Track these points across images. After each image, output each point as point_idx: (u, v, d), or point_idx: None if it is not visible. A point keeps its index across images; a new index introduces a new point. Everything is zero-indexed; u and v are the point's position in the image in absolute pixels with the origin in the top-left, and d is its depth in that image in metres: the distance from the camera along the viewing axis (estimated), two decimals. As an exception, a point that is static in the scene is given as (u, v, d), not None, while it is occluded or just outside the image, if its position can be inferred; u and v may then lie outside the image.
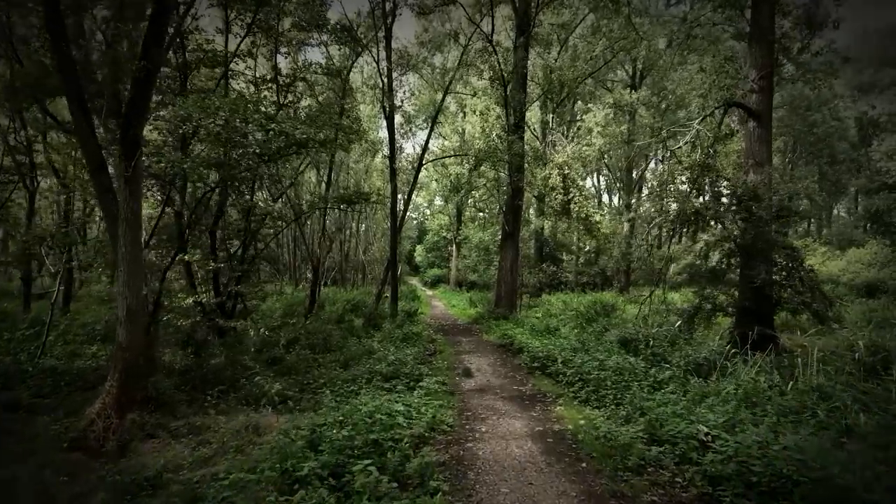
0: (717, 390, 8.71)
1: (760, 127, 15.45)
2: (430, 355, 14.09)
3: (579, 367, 10.42)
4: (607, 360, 10.66)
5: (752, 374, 9.53)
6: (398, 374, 10.34)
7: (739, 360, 10.51)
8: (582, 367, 10.39)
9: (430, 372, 11.44)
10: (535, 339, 14.26)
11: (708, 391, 8.69)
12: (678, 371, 9.84)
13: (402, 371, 10.40)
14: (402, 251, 51.54)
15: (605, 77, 36.57)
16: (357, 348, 13.91)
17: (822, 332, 16.88)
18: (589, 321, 19.21)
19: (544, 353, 11.97)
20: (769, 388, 8.66)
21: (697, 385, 8.93)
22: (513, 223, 21.27)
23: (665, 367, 10.13)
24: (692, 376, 9.69)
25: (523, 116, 20.80)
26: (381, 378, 10.14)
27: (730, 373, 9.85)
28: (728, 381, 9.19)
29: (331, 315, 20.17)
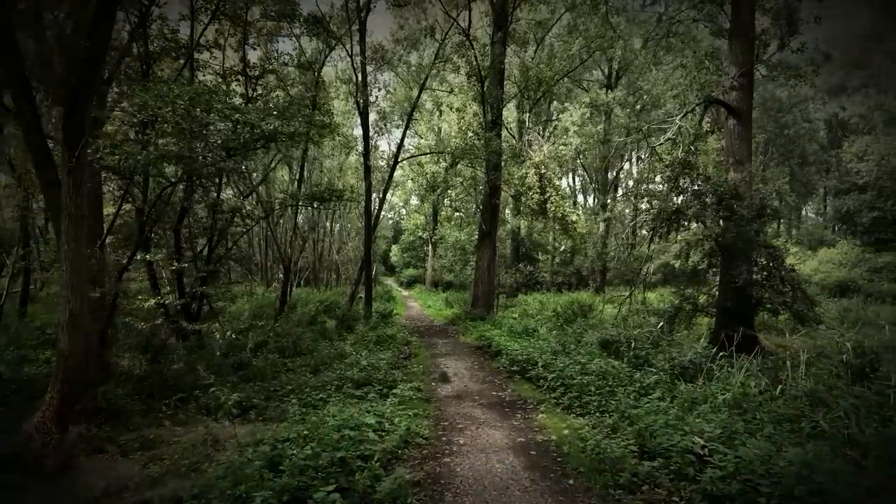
0: (705, 395, 8.25)
1: (740, 124, 15.14)
2: (406, 358, 13.45)
3: (561, 371, 9.88)
4: (589, 364, 10.15)
5: (740, 378, 9.11)
6: (371, 380, 9.68)
7: (725, 363, 10.09)
8: (563, 371, 9.85)
9: (405, 377, 10.80)
10: (514, 341, 13.71)
11: (696, 397, 8.21)
12: (664, 375, 9.35)
13: (374, 377, 9.74)
14: (378, 251, 50.74)
15: (582, 77, 36.30)
16: (328, 352, 13.20)
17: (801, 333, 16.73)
18: (567, 322, 18.81)
19: (524, 356, 11.42)
20: (759, 393, 8.22)
21: (686, 391, 8.44)
22: (490, 222, 20.72)
23: (650, 371, 9.64)
24: (679, 381, 9.23)
25: (500, 113, 20.27)
26: (352, 385, 9.47)
27: (717, 377, 9.41)
28: (715, 386, 8.75)
29: (302, 316, 19.38)
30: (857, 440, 5.98)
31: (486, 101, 19.47)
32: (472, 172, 21.98)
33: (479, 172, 21.25)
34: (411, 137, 38.81)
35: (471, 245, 32.56)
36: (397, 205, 57.65)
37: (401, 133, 21.71)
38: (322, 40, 19.24)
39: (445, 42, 19.64)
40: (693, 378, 9.62)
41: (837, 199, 34.80)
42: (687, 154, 14.54)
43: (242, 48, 16.16)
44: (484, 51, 19.21)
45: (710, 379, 9.41)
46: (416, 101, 21.45)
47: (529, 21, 27.62)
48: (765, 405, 7.71)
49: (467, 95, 21.32)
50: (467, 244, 34.15)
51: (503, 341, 13.65)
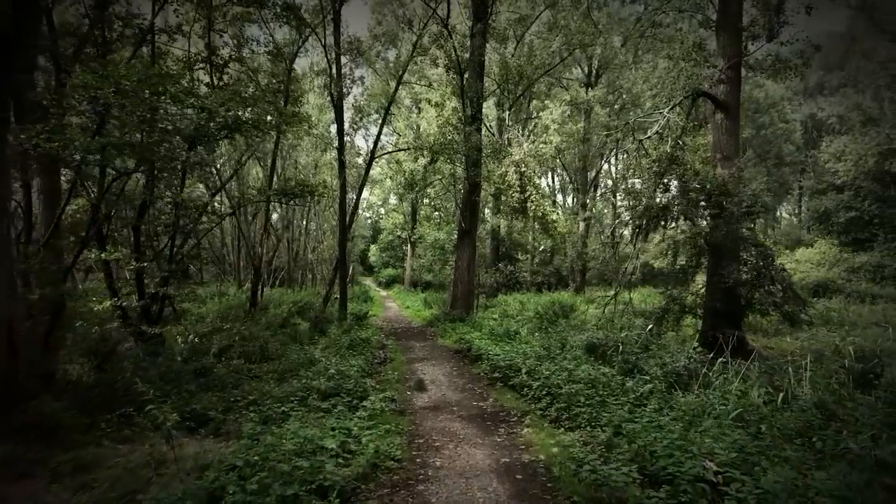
0: (704, 406, 7.47)
1: (728, 119, 14.49)
2: (381, 364, 12.51)
3: (546, 378, 9.02)
4: (576, 370, 9.31)
5: (738, 385, 8.37)
6: (339, 390, 8.71)
7: (719, 369, 9.35)
8: (549, 378, 9.00)
9: (378, 385, 9.87)
10: (495, 345, 12.83)
11: (696, 409, 7.41)
12: (658, 384, 8.55)
13: (343, 387, 8.77)
14: (355, 250, 49.61)
15: (562, 75, 35.65)
16: (298, 357, 12.19)
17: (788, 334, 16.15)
18: (549, 323, 18.09)
19: (506, 361, 10.55)
20: (763, 403, 7.46)
21: (684, 402, 7.63)
22: (470, 220, 19.85)
23: (643, 379, 8.83)
24: (675, 389, 8.44)
25: (480, 108, 19.41)
26: (318, 396, 8.50)
27: (714, 384, 8.65)
28: (713, 395, 7.98)
29: (274, 318, 18.30)
30: (887, 463, 5.20)
31: (465, 94, 18.59)
32: (451, 169, 21.10)
33: (459, 169, 20.38)
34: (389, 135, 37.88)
35: (450, 244, 31.69)
36: (375, 204, 56.52)
37: (377, 128, 20.69)
38: (294, 28, 18.20)
39: (423, 33, 18.67)
40: (688, 385, 8.85)
41: (814, 200, 34.59)
42: (674, 149, 13.82)
43: (208, 34, 15.04)
44: (463, 43, 18.33)
45: (707, 386, 8.65)
46: (393, 94, 20.47)
47: (509, 18, 26.86)
48: (771, 418, 6.96)
49: (446, 89, 20.42)
50: (447, 243, 33.27)
51: (484, 345, 12.77)
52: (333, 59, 17.97)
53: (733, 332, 13.00)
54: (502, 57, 24.25)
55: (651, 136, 13.67)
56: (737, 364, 9.51)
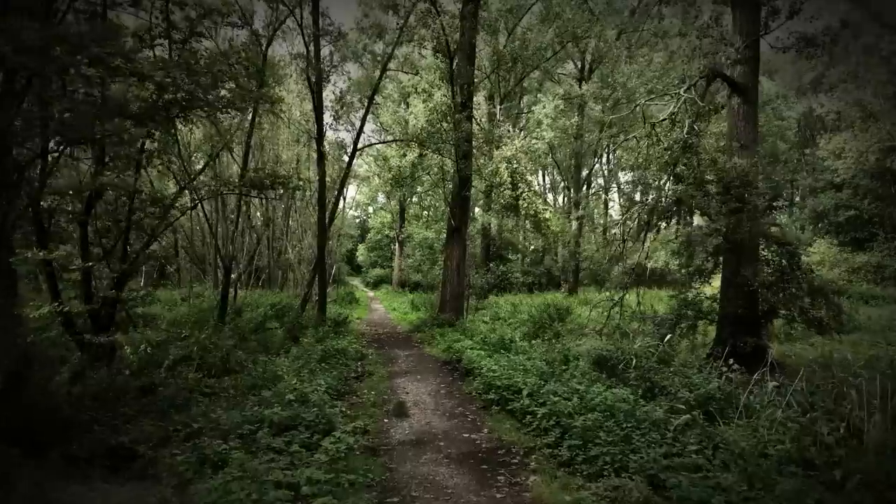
0: (754, 443, 5.78)
1: (746, 103, 12.80)
2: (357, 379, 10.67)
3: (554, 404, 7.24)
4: (588, 393, 7.55)
5: (786, 412, 6.68)
6: (297, 421, 6.86)
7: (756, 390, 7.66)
8: (557, 404, 7.21)
9: (350, 411, 8.06)
10: (489, 356, 11.00)
11: (747, 447, 5.69)
12: (692, 412, 6.80)
13: (303, 417, 6.90)
14: (342, 250, 47.69)
15: (554, 69, 33.98)
16: (263, 371, 10.35)
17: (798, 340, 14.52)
18: (543, 327, 16.47)
19: (503, 379, 8.73)
20: (836, 443, 5.74)
21: (731, 439, 5.90)
22: (460, 216, 18.07)
23: (673, 406, 7.08)
24: (714, 418, 6.71)
25: (471, 96, 17.64)
26: (269, 431, 6.65)
27: (755, 411, 6.96)
28: (762, 426, 6.30)
29: (247, 323, 16.40)
30: None
31: (455, 81, 16.79)
32: (440, 162, 19.32)
33: (448, 162, 18.60)
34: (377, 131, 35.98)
35: (439, 243, 29.89)
36: (362, 202, 54.56)
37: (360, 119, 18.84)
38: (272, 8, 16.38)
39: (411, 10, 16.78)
40: (724, 411, 7.14)
41: (812, 198, 33.17)
42: (688, 135, 12.11)
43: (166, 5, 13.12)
44: (452, 24, 16.51)
45: (749, 413, 6.94)
46: (377, 82, 18.63)
47: (500, 9, 25.14)
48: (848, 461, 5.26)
49: (434, 76, 18.61)
50: (436, 242, 31.47)
51: (476, 356, 10.95)
52: (311, 38, 16.13)
53: (754, 341, 11.38)
54: (494, 46, 22.45)
55: (664, 119, 11.94)
56: (770, 379, 7.87)
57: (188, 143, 18.98)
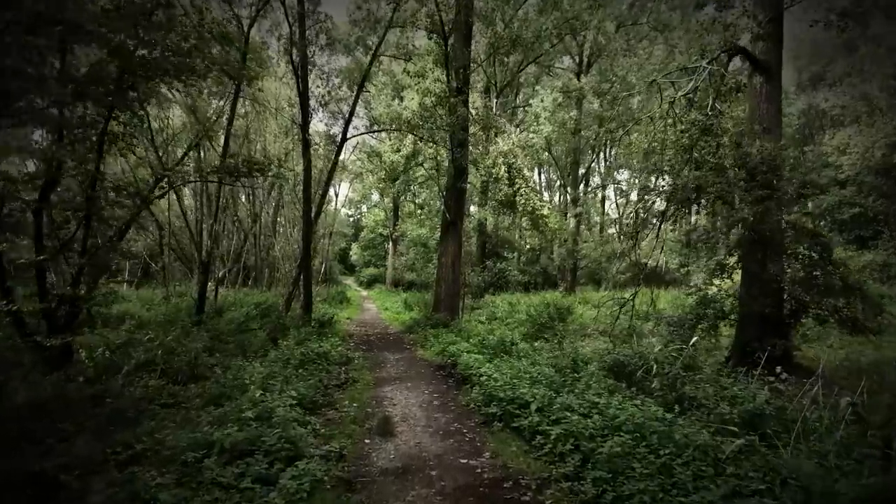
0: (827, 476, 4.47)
1: (769, 83, 11.50)
2: (340, 386, 9.28)
3: (570, 422, 5.88)
4: (610, 408, 6.21)
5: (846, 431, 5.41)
6: (257, 444, 5.47)
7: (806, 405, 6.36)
8: (574, 423, 5.85)
9: (324, 429, 6.66)
10: (488, 361, 9.62)
11: (821, 482, 4.37)
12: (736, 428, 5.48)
13: (263, 440, 5.51)
14: (335, 249, 46.26)
15: (552, 63, 32.70)
16: (234, 377, 8.96)
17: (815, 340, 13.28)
18: (543, 327, 15.24)
19: (506, 389, 7.35)
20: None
21: (800, 471, 4.56)
22: (455, 210, 16.70)
23: (716, 425, 5.74)
24: (773, 443, 5.37)
25: (467, 80, 16.26)
26: (220, 460, 5.26)
27: (816, 430, 5.66)
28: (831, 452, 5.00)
29: (228, 324, 14.98)
30: None
31: (450, 64, 15.42)
32: (434, 153, 17.94)
33: (443, 152, 17.25)
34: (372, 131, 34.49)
35: (434, 241, 28.48)
36: (355, 200, 53.05)
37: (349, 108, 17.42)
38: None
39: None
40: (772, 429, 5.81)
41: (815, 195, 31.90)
42: (707, 116, 10.78)
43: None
44: (448, 1, 15.14)
45: (805, 435, 5.62)
46: (368, 67, 17.20)
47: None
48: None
49: (428, 59, 17.22)
50: (430, 240, 30.07)
51: (473, 361, 9.57)
52: (296, 18, 14.75)
53: (783, 343, 10.08)
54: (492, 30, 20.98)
55: (686, 94, 10.59)
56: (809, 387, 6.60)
57: (163, 130, 17.51)
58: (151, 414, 7.92)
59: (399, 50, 18.22)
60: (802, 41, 31.33)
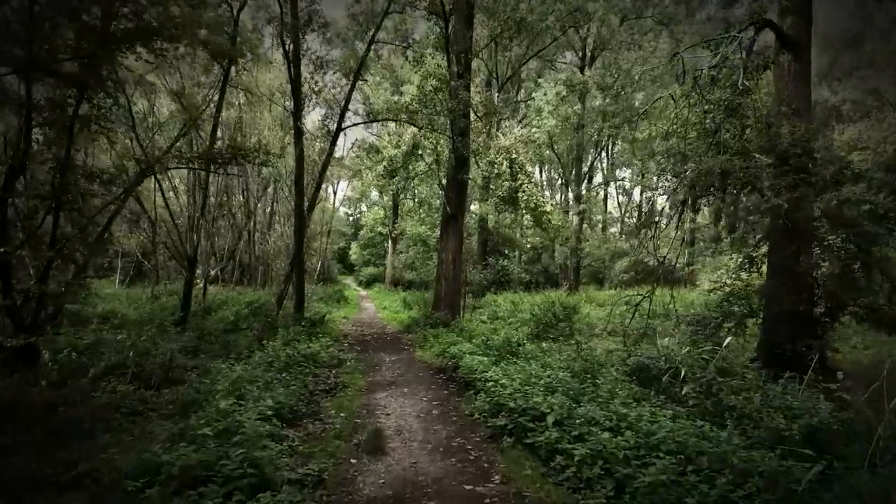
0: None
1: (798, 61, 10.45)
2: (328, 392, 8.21)
3: (597, 440, 4.81)
4: (641, 421, 5.15)
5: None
6: (216, 468, 4.40)
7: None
8: (602, 441, 4.78)
9: (303, 445, 5.59)
10: (493, 363, 8.54)
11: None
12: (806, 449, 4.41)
13: (223, 465, 4.43)
14: (334, 247, 45.21)
15: (554, 57, 31.67)
16: (210, 383, 7.90)
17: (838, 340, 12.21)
18: (548, 326, 14.29)
19: (517, 397, 6.26)
20: None
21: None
22: (456, 203, 15.65)
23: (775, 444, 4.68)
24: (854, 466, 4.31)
25: (468, 65, 15.20)
26: (171, 485, 4.20)
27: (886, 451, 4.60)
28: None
29: (216, 324, 13.93)
30: None
31: (450, 47, 14.36)
32: (434, 142, 16.86)
33: (443, 142, 16.20)
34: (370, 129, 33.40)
35: (434, 239, 27.40)
36: (354, 198, 51.91)
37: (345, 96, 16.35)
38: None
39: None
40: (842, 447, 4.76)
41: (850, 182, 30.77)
42: (734, 93, 9.70)
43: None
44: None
45: (880, 453, 4.55)
46: (364, 54, 16.15)
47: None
48: None
49: (428, 40, 16.15)
50: (430, 238, 29.00)
51: (477, 363, 8.49)
52: None
53: (818, 344, 9.02)
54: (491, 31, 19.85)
55: (711, 67, 9.51)
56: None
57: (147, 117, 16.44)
58: (111, 425, 6.91)
59: (397, 34, 17.14)
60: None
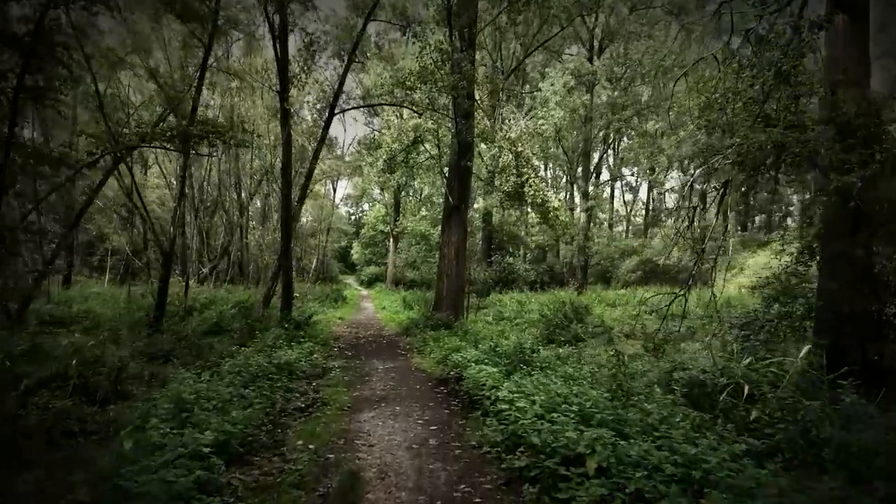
0: None
1: (855, 22, 8.79)
2: (303, 411, 6.58)
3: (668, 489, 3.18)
4: (721, 470, 3.52)
5: None
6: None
7: None
8: (671, 492, 3.15)
9: (248, 494, 3.97)
10: (504, 376, 6.90)
11: None
12: None
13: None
14: (334, 246, 43.65)
15: (560, 50, 30.02)
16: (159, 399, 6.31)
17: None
18: (559, 328, 12.81)
19: (542, 430, 4.56)
20: None
21: None
22: (459, 192, 14.04)
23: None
24: None
25: (473, 42, 13.58)
26: None
27: None
28: None
29: (198, 325, 12.31)
30: None
31: (452, 19, 12.74)
32: (435, 126, 15.23)
33: (445, 126, 14.60)
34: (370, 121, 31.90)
35: (436, 236, 25.82)
36: (354, 196, 50.32)
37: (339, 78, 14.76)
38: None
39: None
40: None
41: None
42: (784, 56, 8.05)
43: None
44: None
45: None
46: (361, 32, 14.59)
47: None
48: None
49: (429, 12, 14.51)
50: (432, 235, 27.38)
51: (485, 376, 6.83)
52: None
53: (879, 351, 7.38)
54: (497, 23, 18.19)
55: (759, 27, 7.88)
56: None
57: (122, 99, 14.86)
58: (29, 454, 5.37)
59: (395, 13, 15.54)
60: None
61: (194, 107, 13.01)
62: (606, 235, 32.64)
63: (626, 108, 28.72)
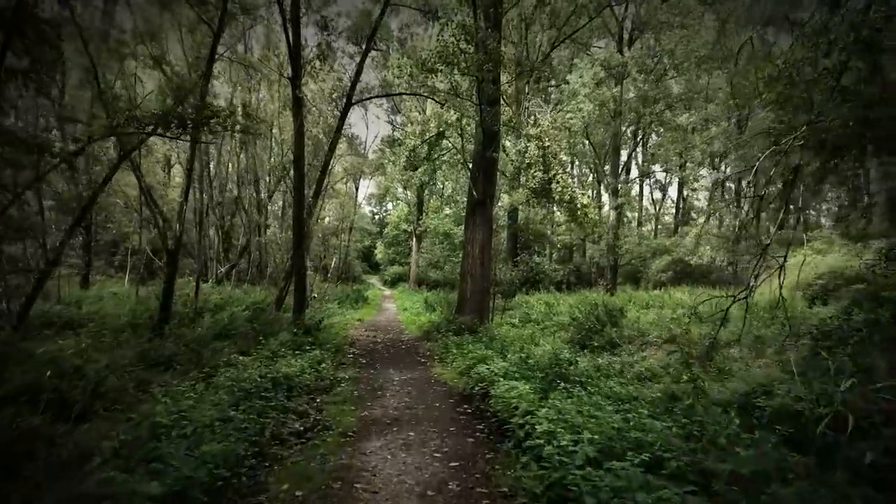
0: None
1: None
2: (300, 436, 5.49)
3: None
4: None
5: None
6: None
7: None
8: None
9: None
10: (541, 398, 5.70)
11: None
12: None
13: None
14: (356, 245, 42.82)
15: (588, 42, 28.59)
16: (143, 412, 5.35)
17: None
18: (591, 332, 11.64)
19: (599, 484, 3.41)
20: None
21: None
22: (484, 185, 12.85)
23: None
24: None
25: (499, 23, 12.37)
26: None
27: None
28: None
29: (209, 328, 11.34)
30: None
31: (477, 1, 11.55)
32: (459, 115, 14.04)
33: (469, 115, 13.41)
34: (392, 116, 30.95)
35: (460, 236, 24.70)
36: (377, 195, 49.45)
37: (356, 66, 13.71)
38: None
39: None
40: None
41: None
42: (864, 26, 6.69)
43: None
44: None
45: None
46: (379, 18, 13.54)
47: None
48: None
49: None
50: (456, 234, 26.25)
51: (516, 396, 5.64)
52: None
53: None
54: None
55: None
56: None
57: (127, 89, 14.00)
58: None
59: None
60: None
61: (202, 95, 12.12)
62: (636, 234, 31.04)
63: (658, 102, 27.16)
